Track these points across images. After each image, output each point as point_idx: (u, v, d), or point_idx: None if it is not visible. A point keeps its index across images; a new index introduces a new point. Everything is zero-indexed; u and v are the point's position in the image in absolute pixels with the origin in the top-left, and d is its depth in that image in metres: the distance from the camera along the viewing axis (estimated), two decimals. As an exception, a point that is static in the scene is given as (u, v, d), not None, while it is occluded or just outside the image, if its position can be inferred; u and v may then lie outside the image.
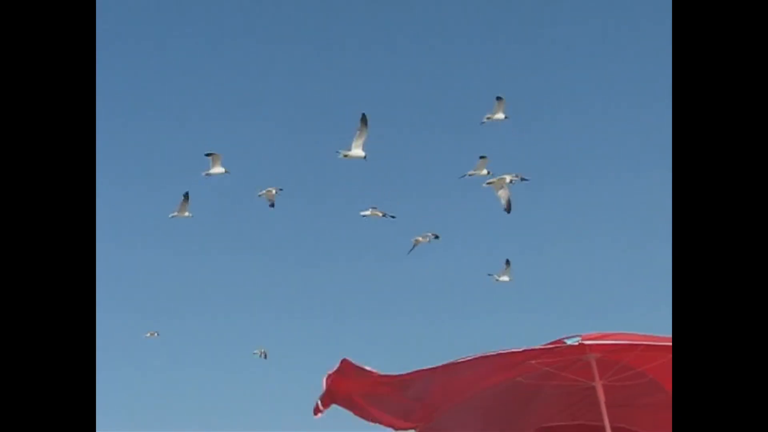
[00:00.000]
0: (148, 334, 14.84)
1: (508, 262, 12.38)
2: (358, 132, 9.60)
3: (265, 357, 14.79)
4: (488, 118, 9.49)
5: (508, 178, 9.49)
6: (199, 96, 21.87)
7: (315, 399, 5.77)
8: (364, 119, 9.55)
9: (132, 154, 21.39)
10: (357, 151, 9.62)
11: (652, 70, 18.31)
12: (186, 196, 12.08)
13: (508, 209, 9.60)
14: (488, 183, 9.60)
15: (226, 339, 18.98)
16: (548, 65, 20.94)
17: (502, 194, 9.55)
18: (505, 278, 12.17)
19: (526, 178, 9.56)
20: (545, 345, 4.97)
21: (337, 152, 9.85)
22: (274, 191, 11.61)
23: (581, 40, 21.28)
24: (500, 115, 9.56)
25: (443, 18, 21.90)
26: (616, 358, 5.09)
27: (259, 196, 11.88)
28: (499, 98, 9.75)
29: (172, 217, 12.37)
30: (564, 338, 4.96)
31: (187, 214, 12.41)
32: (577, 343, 4.85)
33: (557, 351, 5.02)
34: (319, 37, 21.99)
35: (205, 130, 19.90)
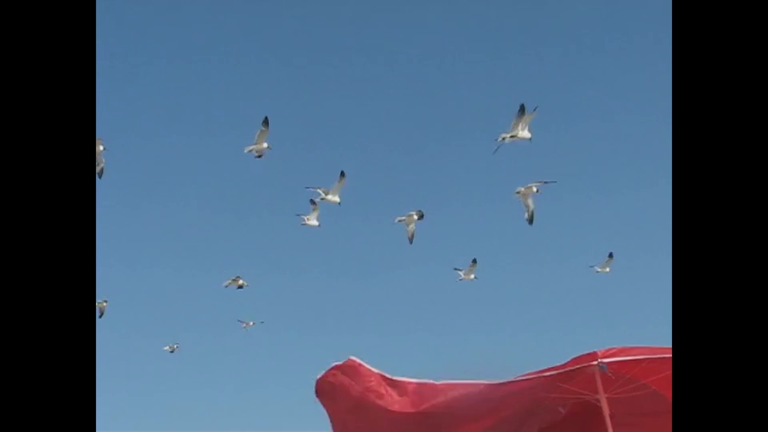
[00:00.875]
0: (168, 348, 14.95)
1: (611, 255, 13.11)
2: (337, 183, 10.50)
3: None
4: (503, 139, 9.32)
5: (534, 188, 9.74)
6: (214, 107, 22.09)
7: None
8: (342, 174, 10.45)
9: (157, 170, 21.60)
10: (334, 197, 10.49)
11: (658, 79, 18.22)
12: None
13: (531, 220, 9.82)
14: (517, 192, 9.83)
15: (250, 354, 19.02)
16: (556, 74, 20.94)
17: (528, 204, 9.83)
18: (607, 269, 13.01)
19: (549, 181, 9.81)
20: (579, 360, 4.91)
21: (312, 201, 10.85)
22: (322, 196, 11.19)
23: (589, 48, 21.27)
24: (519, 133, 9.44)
25: (454, 32, 22.08)
26: (622, 370, 5.04)
27: (299, 216, 11.44)
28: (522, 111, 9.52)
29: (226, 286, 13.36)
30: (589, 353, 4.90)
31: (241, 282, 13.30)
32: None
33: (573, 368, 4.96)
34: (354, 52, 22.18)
35: (222, 141, 19.97)
